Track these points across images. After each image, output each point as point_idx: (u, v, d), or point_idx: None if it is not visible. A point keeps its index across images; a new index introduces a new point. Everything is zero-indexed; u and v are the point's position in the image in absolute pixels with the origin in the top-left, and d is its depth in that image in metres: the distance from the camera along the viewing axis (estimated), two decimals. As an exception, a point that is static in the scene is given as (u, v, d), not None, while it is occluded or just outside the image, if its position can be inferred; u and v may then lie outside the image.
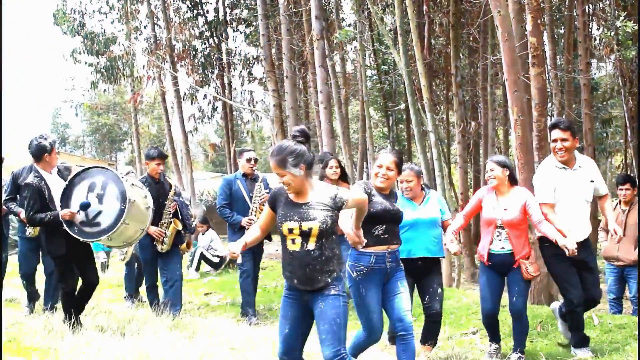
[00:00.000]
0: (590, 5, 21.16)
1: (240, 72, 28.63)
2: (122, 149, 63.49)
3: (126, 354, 6.31)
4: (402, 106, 25.08)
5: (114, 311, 9.61)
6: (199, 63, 27.18)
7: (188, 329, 8.06)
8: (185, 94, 27.58)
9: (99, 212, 7.42)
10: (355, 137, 30.55)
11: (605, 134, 27.22)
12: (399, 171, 6.11)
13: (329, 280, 4.81)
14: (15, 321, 7.99)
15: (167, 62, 25.59)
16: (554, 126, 6.93)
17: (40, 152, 7.80)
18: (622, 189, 9.53)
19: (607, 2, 20.58)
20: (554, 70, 18.39)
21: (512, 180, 6.92)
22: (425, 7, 18.99)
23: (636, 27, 13.42)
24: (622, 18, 14.94)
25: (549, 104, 18.34)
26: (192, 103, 28.41)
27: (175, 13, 26.91)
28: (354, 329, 5.99)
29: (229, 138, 27.41)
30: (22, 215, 8.41)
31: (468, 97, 22.97)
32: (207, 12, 26.97)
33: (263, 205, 9.01)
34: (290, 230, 4.79)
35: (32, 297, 9.56)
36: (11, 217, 10.01)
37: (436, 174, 14.33)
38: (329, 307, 4.79)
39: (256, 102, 30.18)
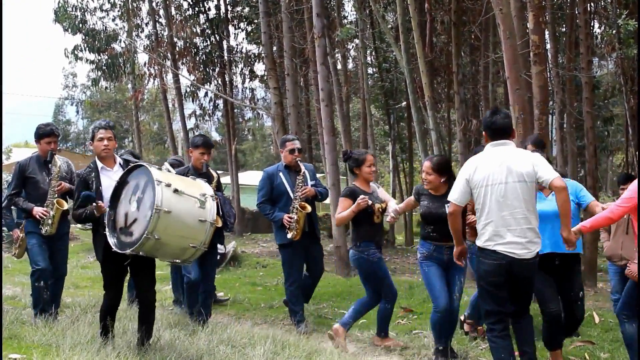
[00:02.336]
0: (592, 4, 21.13)
1: (242, 69, 28.60)
2: (124, 146, 63.46)
3: (127, 352, 6.31)
4: (404, 104, 25.11)
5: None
6: (200, 60, 27.14)
7: (189, 327, 8.07)
8: (186, 91, 27.58)
9: (135, 220, 6.29)
10: (356, 135, 30.50)
11: (606, 133, 27.16)
12: (440, 173, 7.14)
13: None
14: (15, 318, 8.00)
15: (168, 59, 25.62)
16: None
17: (90, 139, 7.02)
18: (623, 188, 9.51)
19: (609, 1, 20.55)
20: (555, 69, 18.38)
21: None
22: (426, 5, 18.95)
23: (637, 25, 13.38)
24: (623, 16, 14.91)
25: (550, 102, 18.32)
26: (193, 101, 28.40)
27: (176, 10, 26.88)
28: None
29: (230, 136, 27.38)
30: (35, 211, 8.07)
31: (469, 95, 22.96)
32: (209, 9, 26.94)
33: (305, 200, 8.73)
34: None
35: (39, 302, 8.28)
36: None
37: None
38: None
39: (257, 100, 30.20)
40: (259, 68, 28.61)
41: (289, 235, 8.62)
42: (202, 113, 29.18)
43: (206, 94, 28.27)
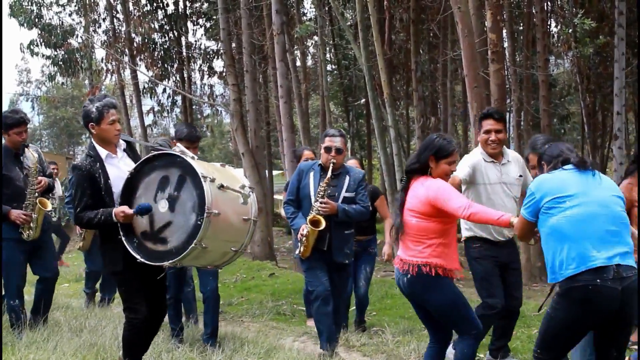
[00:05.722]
0: (549, 3, 21.37)
1: (200, 66, 28.45)
2: (80, 142, 62.79)
3: (83, 350, 6.25)
4: (362, 101, 25.17)
5: (72, 306, 9.51)
6: (159, 56, 26.92)
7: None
8: (144, 87, 27.32)
9: (168, 223, 5.20)
10: (315, 132, 30.51)
11: (562, 131, 27.48)
12: None
13: None
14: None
15: (126, 55, 25.36)
16: (488, 116, 6.61)
17: (84, 121, 5.59)
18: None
19: (566, 0, 20.78)
20: (512, 67, 18.53)
21: None
22: (385, 3, 19.02)
23: (593, 25, 13.53)
24: (580, 15, 15.04)
25: (508, 100, 18.45)
26: (151, 97, 28.15)
27: (134, 6, 26.62)
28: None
29: (189, 132, 27.18)
30: (15, 215, 7.06)
31: (428, 93, 23.05)
32: (167, 5, 26.72)
33: (326, 209, 6.89)
34: None
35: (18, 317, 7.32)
36: None
37: (396, 169, 14.36)
38: None
39: (216, 96, 30.00)
40: (218, 64, 28.55)
41: (297, 251, 7.13)
42: (160, 109, 28.94)
43: (164, 90, 28.05)
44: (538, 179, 4.90)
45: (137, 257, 5.17)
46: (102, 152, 5.46)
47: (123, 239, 5.24)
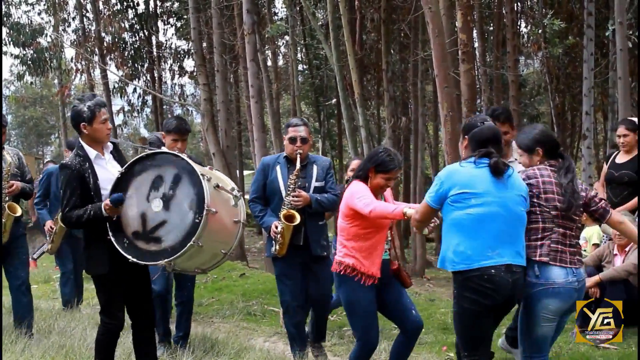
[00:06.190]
0: (519, 3, 21.51)
1: (171, 65, 28.43)
2: (50, 142, 62.30)
3: (52, 352, 6.19)
4: (334, 101, 25.19)
5: (40, 308, 9.41)
6: (129, 56, 26.84)
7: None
8: (114, 87, 27.20)
9: (162, 222, 5.10)
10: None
11: (532, 130, 27.71)
12: None
13: None
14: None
15: (96, 54, 25.26)
16: (493, 118, 6.15)
17: (75, 121, 5.36)
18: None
19: (535, 0, 20.93)
20: (483, 67, 18.66)
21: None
22: (356, 3, 19.04)
23: (562, 25, 13.66)
24: (549, 16, 15.17)
25: (478, 100, 18.58)
26: (121, 97, 28.04)
27: (104, 5, 26.53)
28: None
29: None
30: None
31: (399, 93, 23.14)
32: (137, 4, 26.63)
33: (299, 202, 6.60)
34: None
35: None
36: None
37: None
38: None
39: (187, 96, 29.95)
40: (189, 64, 28.56)
41: (272, 249, 6.69)
42: (130, 109, 28.86)
43: (135, 90, 27.96)
44: (449, 168, 5.03)
45: (128, 257, 5.04)
46: (91, 152, 5.31)
47: (112, 239, 5.10)
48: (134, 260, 5.04)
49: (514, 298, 4.88)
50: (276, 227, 6.55)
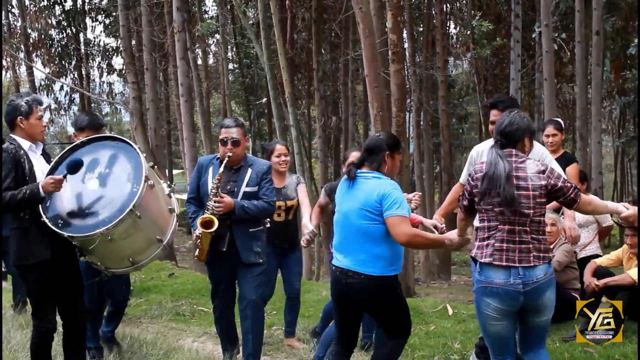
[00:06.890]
0: (448, 5, 21.77)
1: (99, 63, 28.07)
2: (-27, 140, 61.14)
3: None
4: (264, 100, 25.13)
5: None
6: (56, 53, 26.42)
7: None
8: (40, 84, 26.77)
9: (99, 198, 5.06)
10: (216, 131, 30.34)
11: (461, 130, 28.03)
12: None
13: None
14: None
15: (21, 51, 24.79)
16: (493, 106, 6.20)
17: (11, 115, 5.28)
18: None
19: (464, 2, 21.21)
20: (413, 67, 18.81)
21: None
22: (287, 2, 19.04)
23: (490, 27, 13.87)
24: (477, 18, 15.40)
25: (408, 100, 18.73)
26: (48, 94, 27.58)
27: (30, 1, 26.06)
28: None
29: (87, 130, 26.74)
30: None
31: (329, 92, 23.21)
32: (65, 0, 26.23)
33: (219, 207, 5.97)
34: None
35: None
36: None
37: (297, 168, 14.40)
38: None
39: (115, 94, 29.62)
40: (117, 62, 28.13)
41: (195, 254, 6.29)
42: (57, 107, 28.41)
43: (62, 88, 27.57)
44: (339, 182, 5.40)
45: (64, 233, 4.91)
46: (25, 143, 5.22)
47: (46, 221, 4.93)
48: (69, 234, 4.93)
49: (350, 299, 5.14)
50: (196, 232, 6.08)
